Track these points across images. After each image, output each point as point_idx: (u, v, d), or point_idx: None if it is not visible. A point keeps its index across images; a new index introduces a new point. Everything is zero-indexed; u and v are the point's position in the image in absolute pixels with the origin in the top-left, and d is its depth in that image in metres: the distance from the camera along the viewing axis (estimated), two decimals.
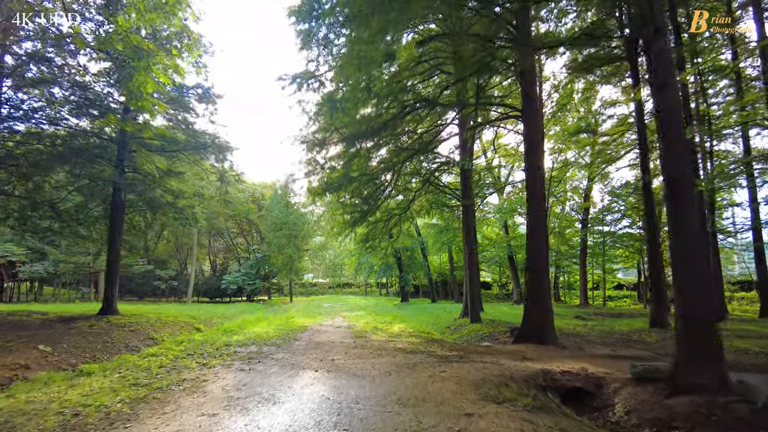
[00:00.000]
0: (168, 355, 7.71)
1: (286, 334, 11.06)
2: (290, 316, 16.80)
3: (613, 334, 14.10)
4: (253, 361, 7.30)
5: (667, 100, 6.08)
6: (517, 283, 33.23)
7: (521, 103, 11.95)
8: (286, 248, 30.68)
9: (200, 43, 13.30)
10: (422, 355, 8.44)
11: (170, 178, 15.27)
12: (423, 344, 10.08)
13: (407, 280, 35.63)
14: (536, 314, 11.09)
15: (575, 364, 8.30)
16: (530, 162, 11.60)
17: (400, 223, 16.97)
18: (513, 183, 29.76)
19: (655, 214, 16.43)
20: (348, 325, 14.22)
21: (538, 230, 11.34)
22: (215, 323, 17.79)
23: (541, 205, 11.48)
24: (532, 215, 11.48)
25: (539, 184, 11.54)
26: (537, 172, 11.53)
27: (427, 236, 34.91)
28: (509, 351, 9.80)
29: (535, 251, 11.33)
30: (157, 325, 14.21)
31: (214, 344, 9.19)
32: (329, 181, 11.92)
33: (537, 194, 11.47)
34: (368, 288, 57.06)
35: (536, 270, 11.23)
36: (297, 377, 6.12)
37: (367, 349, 8.98)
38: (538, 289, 11.13)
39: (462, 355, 8.84)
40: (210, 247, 45.01)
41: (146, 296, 37.68)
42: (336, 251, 52.47)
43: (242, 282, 31.38)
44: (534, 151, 11.54)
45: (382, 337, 11.03)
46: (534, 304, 11.20)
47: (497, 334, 13.55)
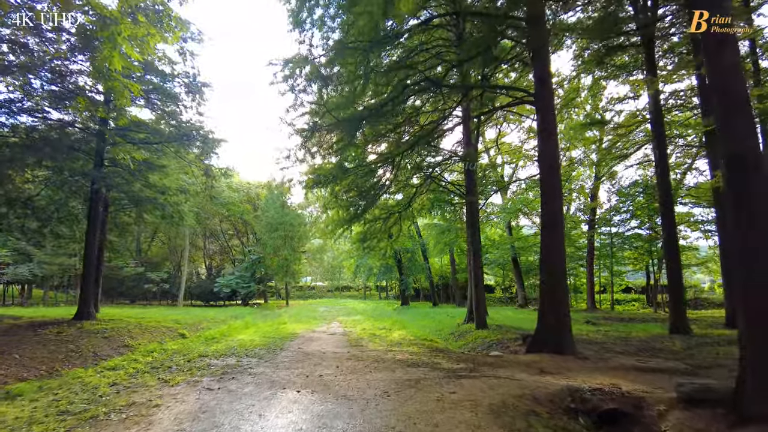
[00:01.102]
0: (129, 369, 6.57)
1: (273, 343, 9.91)
2: (282, 322, 15.65)
3: (631, 341, 12.94)
4: (227, 377, 6.16)
5: (726, 59, 4.98)
6: (522, 287, 32.06)
7: (534, 87, 10.86)
8: (282, 250, 29.51)
9: (184, 23, 12.19)
10: (426, 369, 7.30)
11: (152, 172, 14.17)
12: (426, 354, 8.94)
13: (407, 283, 34.44)
14: (552, 320, 9.94)
15: (603, 378, 7.17)
16: (545, 151, 10.49)
17: (400, 222, 15.84)
18: (518, 180, 28.61)
19: (673, 212, 15.30)
20: (343, 332, 13.07)
21: (554, 226, 10.20)
22: (202, 328, 16.64)
23: (558, 198, 10.35)
24: (547, 209, 10.35)
25: (555, 175, 10.42)
26: (553, 162, 10.40)
27: (428, 237, 33.76)
28: (524, 362, 8.66)
29: (550, 249, 10.19)
30: (136, 331, 13.05)
31: (188, 355, 8.05)
32: (322, 172, 10.82)
33: (553, 186, 10.34)
34: (367, 291, 55.82)
35: (552, 270, 10.09)
36: (273, 400, 4.98)
37: (362, 360, 7.83)
38: (555, 291, 9.99)
39: (472, 368, 7.70)
40: (205, 249, 43.80)
41: (139, 300, 36.48)
42: (335, 254, 51.30)
43: (236, 285, 30.17)
44: (549, 140, 10.43)
45: (380, 346, 9.88)
46: (549, 308, 10.06)
47: (506, 341, 12.40)
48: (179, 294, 31.68)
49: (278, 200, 30.92)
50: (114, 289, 35.51)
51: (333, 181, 10.69)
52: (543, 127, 10.54)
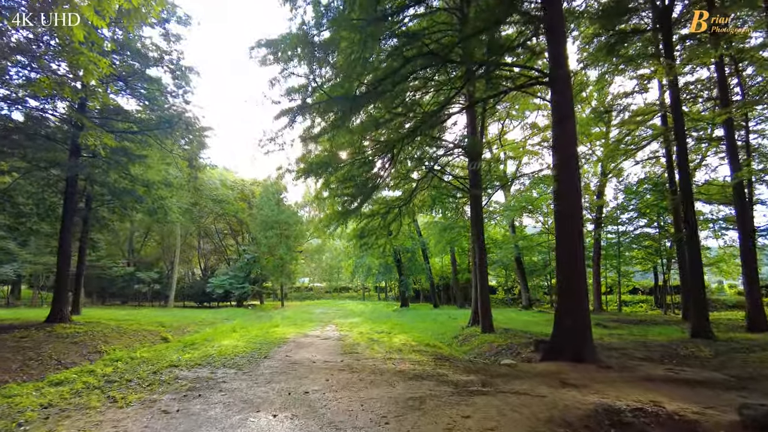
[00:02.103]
0: (77, 384, 5.51)
1: (258, 350, 8.84)
2: (273, 325, 14.57)
3: (652, 347, 11.89)
4: (192, 395, 5.10)
5: None
6: (525, 288, 31.02)
7: (549, 68, 9.83)
8: (277, 249, 28.39)
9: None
10: (431, 383, 6.25)
11: (133, 163, 13.11)
12: (430, 364, 7.88)
13: (407, 283, 33.34)
14: (571, 323, 8.90)
15: (638, 393, 6.12)
16: (561, 136, 9.46)
17: (400, 218, 14.78)
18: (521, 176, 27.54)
19: (694, 209, 14.25)
20: (339, 336, 12.00)
21: (571, 218, 9.16)
22: (188, 332, 15.56)
23: (575, 188, 9.31)
24: (563, 200, 9.31)
25: (572, 162, 9.38)
26: (570, 148, 9.37)
27: (429, 236, 32.70)
28: (542, 373, 7.60)
29: (567, 245, 9.14)
30: (112, 335, 11.98)
31: (156, 364, 6.99)
32: (315, 161, 9.79)
33: (570, 175, 9.30)
34: (366, 292, 54.68)
35: (570, 268, 9.04)
36: (241, 430, 3.93)
37: (357, 372, 6.77)
38: (573, 291, 8.95)
39: (484, 382, 6.64)
40: (200, 248, 42.68)
41: (131, 300, 35.36)
42: (333, 254, 50.21)
43: (229, 285, 29.03)
44: (565, 124, 9.39)
45: (378, 353, 8.82)
46: (567, 310, 9.01)
47: (516, 347, 11.35)
48: (170, 294, 30.56)
49: (274, 198, 29.83)
50: (105, 289, 34.40)
51: (326, 170, 9.64)
52: (559, 111, 9.51)
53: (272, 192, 30.13)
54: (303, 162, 10.09)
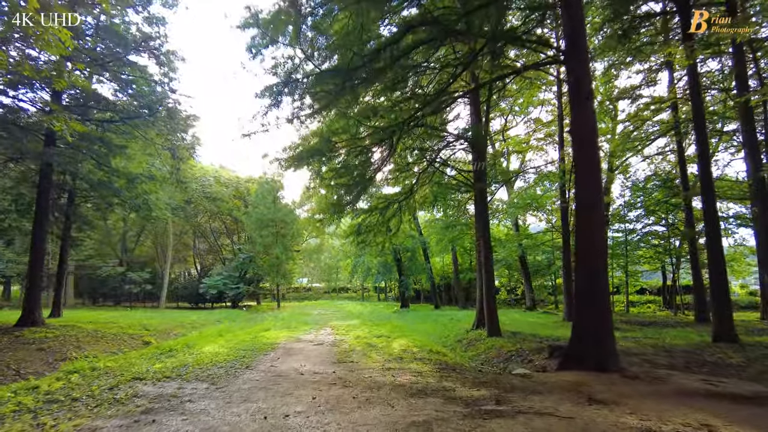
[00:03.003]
0: (7, 406, 4.55)
1: (241, 358, 7.88)
2: (264, 328, 13.60)
3: (673, 352, 10.94)
4: (144, 421, 4.14)
5: None
6: (530, 288, 30.05)
7: (565, 44, 8.88)
8: (273, 248, 27.40)
9: None
10: (437, 400, 5.30)
11: (114, 155, 12.16)
12: (435, 375, 6.92)
13: (407, 284, 32.35)
14: (592, 326, 7.95)
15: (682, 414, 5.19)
16: (580, 120, 8.50)
17: (400, 214, 13.83)
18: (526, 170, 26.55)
19: (715, 206, 13.26)
20: (333, 341, 11.04)
21: (591, 209, 8.22)
22: (174, 335, 14.61)
23: (596, 176, 8.37)
24: (582, 189, 8.37)
25: (592, 147, 8.44)
26: (589, 132, 8.42)
27: (430, 235, 31.74)
28: (563, 385, 6.65)
29: (587, 239, 8.20)
30: (87, 339, 11.03)
31: (118, 377, 6.03)
32: (305, 148, 8.85)
33: (590, 161, 8.36)
34: (365, 293, 53.70)
35: (590, 266, 8.10)
36: None
37: (350, 386, 5.82)
38: (595, 292, 8.00)
39: (498, 398, 5.69)
40: (195, 248, 41.64)
41: (124, 301, 34.35)
42: (331, 253, 49.25)
43: (223, 286, 28.01)
44: (584, 105, 8.43)
45: (376, 362, 7.86)
46: (587, 313, 8.06)
47: (527, 352, 10.39)
48: (161, 295, 29.58)
49: (269, 195, 28.84)
50: (95, 290, 33.43)
51: (320, 159, 8.70)
52: (577, 90, 8.56)
53: (268, 189, 29.15)
54: (293, 150, 9.16)
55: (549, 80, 23.21)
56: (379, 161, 10.73)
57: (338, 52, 6.85)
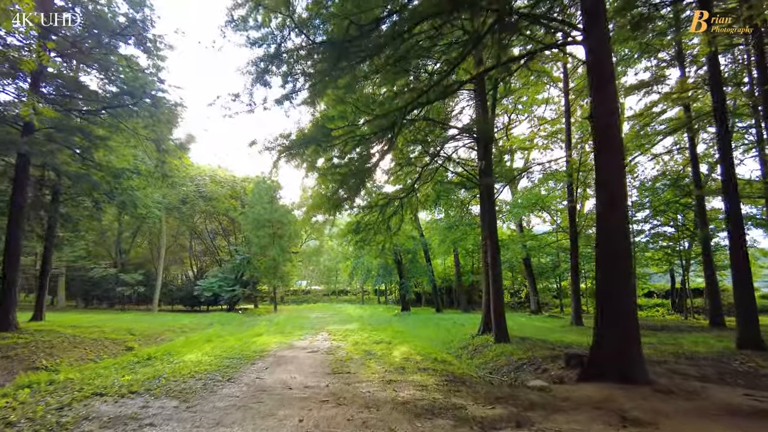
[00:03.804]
0: None
1: (224, 368, 7.04)
2: (256, 333, 12.75)
3: (698, 360, 10.09)
4: None
5: None
6: (534, 291, 29.21)
7: (584, 23, 8.09)
8: (270, 249, 26.56)
9: None
10: (447, 422, 4.47)
11: (96, 148, 11.36)
12: (442, 388, 6.09)
13: (408, 286, 31.49)
14: (615, 333, 7.11)
15: None
16: (600, 104, 7.69)
17: (401, 211, 13.02)
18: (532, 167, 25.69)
19: (739, 206, 12.39)
20: (329, 347, 10.19)
21: (613, 205, 7.38)
22: (162, 340, 13.77)
23: (619, 167, 7.54)
24: (604, 183, 7.55)
25: (615, 135, 7.62)
26: (611, 118, 7.60)
27: (432, 237, 30.94)
28: (589, 401, 5.81)
29: (610, 237, 7.37)
30: (64, 345, 10.19)
31: (75, 393, 5.20)
32: (298, 136, 8.04)
33: (612, 150, 7.54)
34: (365, 295, 52.79)
35: (613, 263, 7.26)
36: None
37: (345, 405, 4.98)
38: (619, 295, 7.16)
39: (517, 418, 4.86)
40: (191, 249, 40.77)
41: (118, 304, 33.49)
42: (331, 255, 48.38)
43: (218, 288, 27.14)
44: (605, 88, 7.62)
45: (375, 372, 7.02)
46: (610, 319, 7.22)
47: (540, 360, 9.53)
48: (154, 298, 28.73)
49: (266, 195, 28.01)
50: (88, 292, 32.59)
51: (314, 144, 7.88)
52: (597, 72, 7.75)
53: (264, 188, 28.32)
54: (286, 138, 8.35)
55: (554, 76, 22.48)
56: (379, 153, 9.94)
57: (333, 21, 6.06)
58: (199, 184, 30.10)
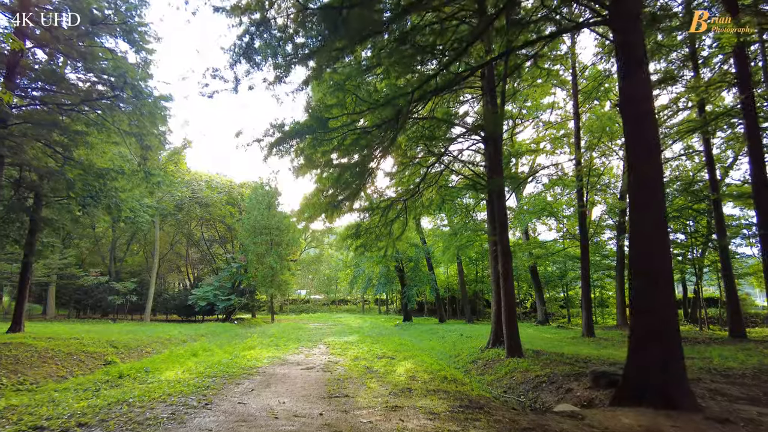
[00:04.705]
0: None
1: (203, 390, 6.07)
2: (247, 346, 11.76)
3: (733, 376, 9.11)
4: None
5: None
6: (541, 300, 28.15)
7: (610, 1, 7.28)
8: (267, 257, 25.59)
9: None
10: None
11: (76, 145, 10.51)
12: (457, 416, 5.12)
13: (410, 296, 30.45)
14: (655, 350, 6.14)
15: None
16: (631, 91, 6.83)
17: (405, 214, 12.12)
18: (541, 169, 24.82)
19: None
20: (326, 363, 9.21)
21: (651, 199, 6.48)
22: (147, 353, 12.79)
23: (654, 162, 6.65)
24: (637, 179, 6.65)
25: (649, 126, 6.73)
26: (644, 106, 6.73)
27: (434, 244, 29.98)
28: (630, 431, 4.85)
29: (645, 240, 6.45)
30: (33, 360, 9.22)
31: (11, 425, 4.26)
32: (292, 126, 7.19)
33: (645, 143, 6.65)
34: (366, 305, 51.62)
35: (652, 270, 6.34)
36: None
37: None
38: (657, 304, 6.22)
39: None
40: (187, 257, 39.77)
41: (112, 313, 32.43)
42: (330, 263, 47.37)
43: (213, 297, 26.10)
44: (636, 73, 6.76)
45: (378, 395, 6.05)
46: (650, 331, 6.27)
47: (561, 378, 8.54)
48: (146, 307, 27.68)
49: (264, 201, 27.12)
50: (79, 301, 31.55)
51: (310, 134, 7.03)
52: (627, 55, 6.91)
53: (262, 194, 27.43)
54: (278, 129, 7.49)
55: (562, 78, 21.76)
56: (382, 150, 9.06)
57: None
58: (195, 190, 29.24)
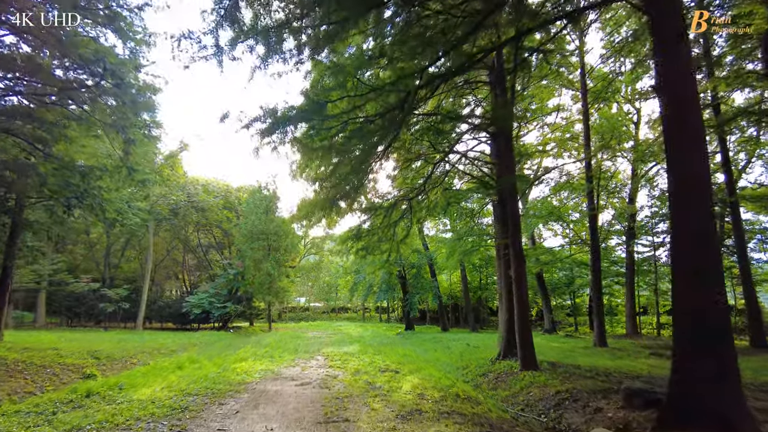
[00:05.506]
0: None
1: (179, 412, 5.20)
2: (239, 358, 10.84)
3: None
4: None
5: None
6: (548, 308, 27.19)
7: None
8: (264, 263, 24.71)
9: None
10: None
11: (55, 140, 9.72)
12: None
13: (413, 303, 29.50)
14: (707, 364, 5.27)
15: None
16: (669, 69, 6.04)
17: (410, 215, 11.30)
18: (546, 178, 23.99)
19: None
20: (324, 378, 8.31)
21: (687, 199, 5.66)
22: (132, 364, 11.89)
23: (699, 148, 5.82)
24: (678, 168, 5.83)
25: (692, 109, 5.93)
26: (685, 87, 5.93)
27: (437, 251, 29.09)
28: None
29: (690, 237, 5.61)
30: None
31: None
32: (286, 112, 6.41)
33: (687, 127, 5.84)
34: (366, 313, 50.57)
35: (698, 271, 5.49)
36: None
37: None
38: (709, 308, 5.36)
39: None
40: (184, 264, 38.84)
41: (104, 321, 31.45)
42: (330, 269, 46.45)
43: (208, 305, 25.15)
44: (673, 49, 5.99)
45: (382, 419, 5.17)
46: (700, 341, 5.40)
47: (586, 396, 7.62)
48: (138, 315, 26.72)
49: (262, 205, 26.30)
50: (70, 309, 30.54)
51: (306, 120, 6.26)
52: (661, 28, 6.13)
53: (259, 198, 26.63)
54: (271, 116, 6.71)
55: (569, 80, 21.10)
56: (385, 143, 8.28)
57: None
58: (191, 194, 28.46)
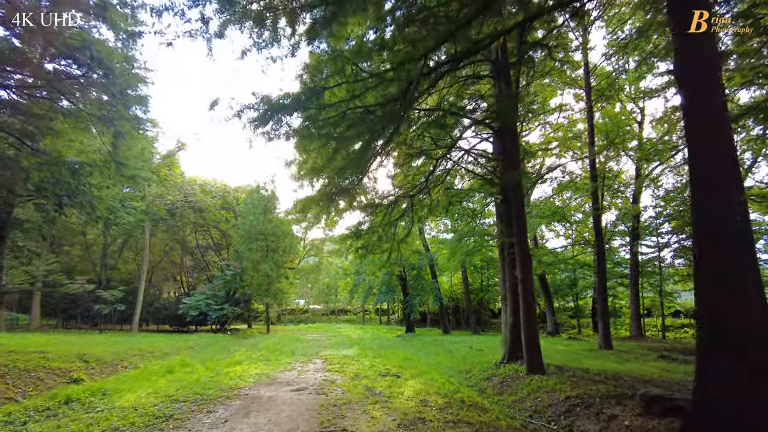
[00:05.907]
0: None
1: (163, 422, 4.78)
2: (234, 361, 10.42)
3: None
4: None
5: None
6: (551, 311, 26.75)
7: None
8: (262, 264, 24.29)
9: None
10: None
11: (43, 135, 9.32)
12: None
13: (413, 305, 29.06)
14: (738, 370, 4.85)
15: None
16: (690, 53, 5.65)
17: (411, 213, 10.89)
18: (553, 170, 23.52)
19: None
20: (321, 382, 7.88)
21: (710, 187, 5.26)
22: (123, 368, 11.46)
23: (723, 137, 5.42)
24: (701, 157, 5.43)
25: (714, 94, 5.53)
26: (707, 71, 5.54)
27: (438, 252, 28.71)
28: None
29: (716, 229, 5.21)
30: None
31: None
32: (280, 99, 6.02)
33: (710, 115, 5.44)
34: (366, 315, 50.12)
35: (726, 271, 5.08)
36: None
37: None
38: (738, 307, 4.95)
39: None
40: (182, 265, 38.40)
41: (100, 323, 30.99)
42: (330, 271, 46.01)
43: (205, 307, 24.71)
44: (698, 42, 5.60)
45: (384, 429, 4.75)
46: (729, 345, 4.99)
47: (598, 401, 7.19)
48: (134, 317, 26.28)
49: (260, 205, 25.90)
50: (66, 311, 30.13)
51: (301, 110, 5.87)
52: (680, 19, 5.75)
53: (257, 198, 26.23)
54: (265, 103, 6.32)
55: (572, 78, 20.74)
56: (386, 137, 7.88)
57: None
58: (188, 194, 28.07)
